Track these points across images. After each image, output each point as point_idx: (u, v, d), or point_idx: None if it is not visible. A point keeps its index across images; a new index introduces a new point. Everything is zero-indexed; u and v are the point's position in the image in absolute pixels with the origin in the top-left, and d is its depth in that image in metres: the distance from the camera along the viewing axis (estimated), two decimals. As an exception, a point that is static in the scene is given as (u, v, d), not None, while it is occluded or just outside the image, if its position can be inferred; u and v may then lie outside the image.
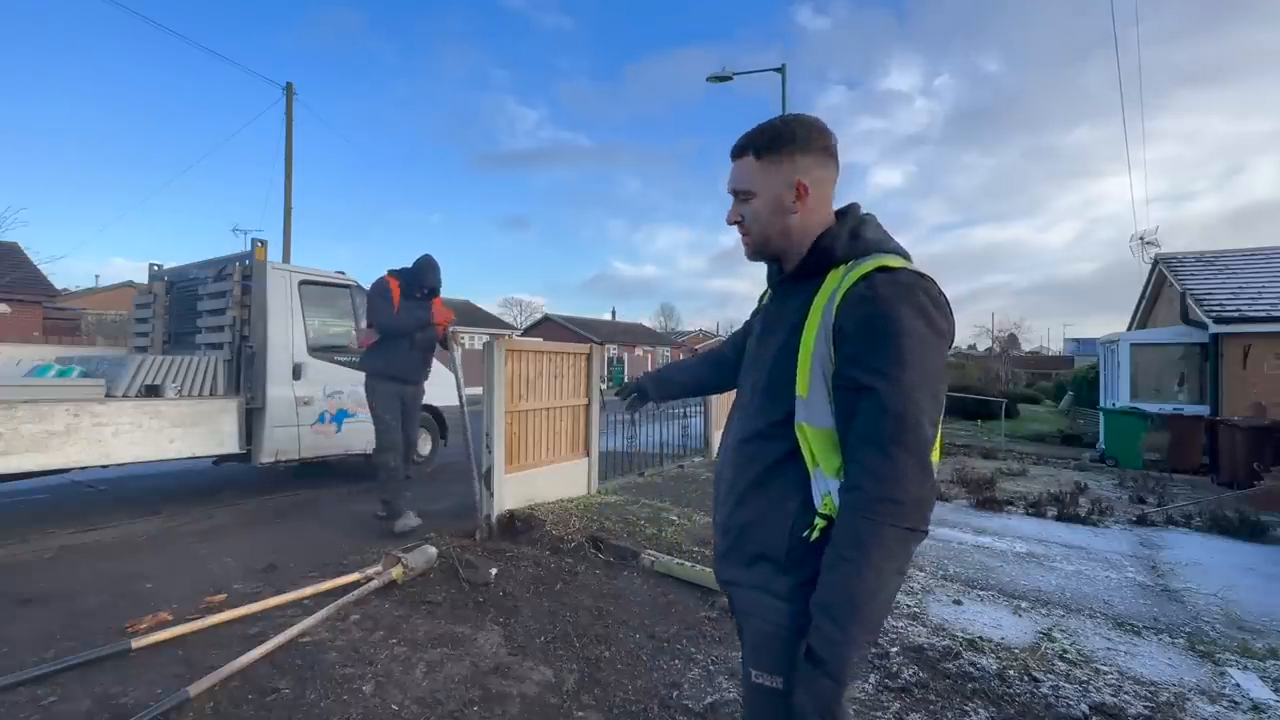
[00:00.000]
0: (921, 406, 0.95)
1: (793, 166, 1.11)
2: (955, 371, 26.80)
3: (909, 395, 0.94)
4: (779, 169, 1.12)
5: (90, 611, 2.97)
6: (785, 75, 12.39)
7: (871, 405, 0.96)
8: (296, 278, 5.60)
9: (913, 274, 1.02)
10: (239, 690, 2.30)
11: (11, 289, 16.65)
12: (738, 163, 1.16)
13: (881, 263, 1.03)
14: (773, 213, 1.13)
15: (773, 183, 1.13)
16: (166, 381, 4.75)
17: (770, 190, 1.13)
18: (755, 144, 1.13)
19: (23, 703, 2.17)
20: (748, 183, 1.15)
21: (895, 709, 2.37)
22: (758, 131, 1.14)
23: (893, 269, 1.02)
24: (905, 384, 0.95)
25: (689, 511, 5.02)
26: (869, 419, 0.96)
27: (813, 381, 1.03)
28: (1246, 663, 2.90)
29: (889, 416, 0.94)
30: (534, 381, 4.92)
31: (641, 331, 46.15)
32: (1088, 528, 5.49)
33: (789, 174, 1.11)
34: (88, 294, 26.67)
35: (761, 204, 1.14)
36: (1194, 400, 9.74)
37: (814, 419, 1.04)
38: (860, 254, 1.07)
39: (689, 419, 8.29)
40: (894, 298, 0.98)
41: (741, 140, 1.16)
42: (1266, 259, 10.71)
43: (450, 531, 4.23)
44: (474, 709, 2.27)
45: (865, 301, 0.99)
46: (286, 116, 15.97)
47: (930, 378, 0.97)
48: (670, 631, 2.99)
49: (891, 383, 0.95)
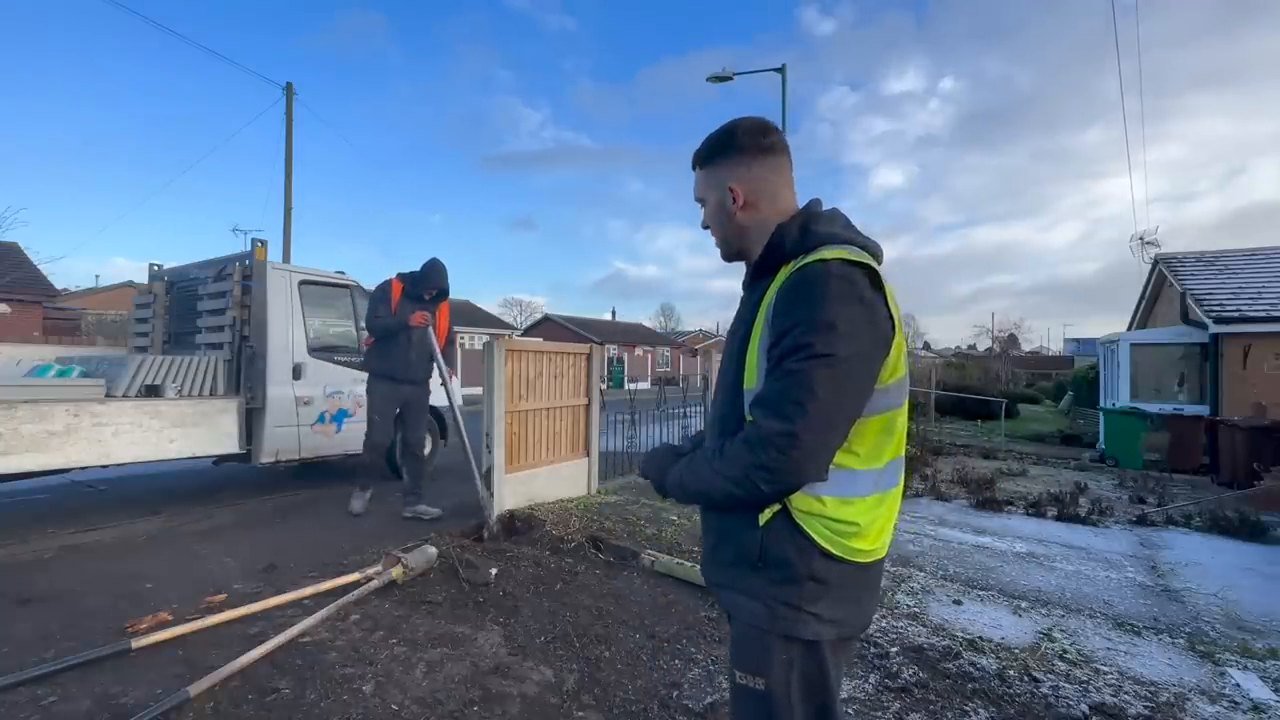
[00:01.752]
0: (823, 382, 0.96)
1: (727, 173, 1.19)
2: (955, 371, 26.81)
3: (813, 370, 0.96)
4: (716, 176, 1.21)
5: (90, 611, 2.97)
6: (785, 76, 12.38)
7: (781, 374, 0.99)
8: (296, 278, 5.60)
9: (842, 263, 1.01)
10: (239, 690, 2.30)
11: (11, 289, 16.65)
12: (694, 174, 1.27)
13: (820, 255, 1.04)
14: (719, 217, 1.22)
15: (713, 189, 1.22)
16: (166, 381, 4.75)
17: (713, 196, 1.22)
18: (697, 155, 1.24)
19: (23, 703, 2.17)
20: (698, 192, 1.26)
21: (895, 709, 2.37)
22: (701, 143, 1.24)
23: (826, 259, 1.02)
24: (813, 360, 0.96)
25: (689, 511, 5.01)
26: (774, 380, 1.00)
27: (759, 373, 1.06)
28: (1246, 663, 2.90)
29: (790, 382, 0.97)
30: (534, 381, 4.92)
31: (641, 331, 46.13)
32: (1088, 528, 5.49)
33: (723, 180, 1.20)
34: (88, 294, 26.66)
35: (710, 210, 1.24)
36: (1194, 400, 9.74)
37: None
38: (809, 247, 1.08)
39: (689, 419, 8.29)
40: (815, 285, 0.99)
41: (693, 154, 1.26)
42: (1266, 259, 10.71)
43: (450, 531, 4.23)
44: (474, 709, 2.27)
45: (791, 290, 1.02)
46: (286, 116, 15.99)
47: (842, 362, 0.97)
48: (670, 631, 2.99)
49: (800, 359, 0.97)
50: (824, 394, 0.96)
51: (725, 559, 1.16)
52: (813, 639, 1.05)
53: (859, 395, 1.01)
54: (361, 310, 6.13)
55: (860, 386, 1.01)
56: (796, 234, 1.11)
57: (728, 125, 1.21)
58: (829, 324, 0.97)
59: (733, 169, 1.19)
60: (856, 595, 1.10)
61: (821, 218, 1.14)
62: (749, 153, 1.18)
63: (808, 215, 1.15)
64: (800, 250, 1.09)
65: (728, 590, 1.16)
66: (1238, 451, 7.58)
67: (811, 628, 1.05)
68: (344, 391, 5.77)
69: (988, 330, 40.70)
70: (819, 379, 0.96)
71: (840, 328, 0.97)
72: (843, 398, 0.98)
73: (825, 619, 1.06)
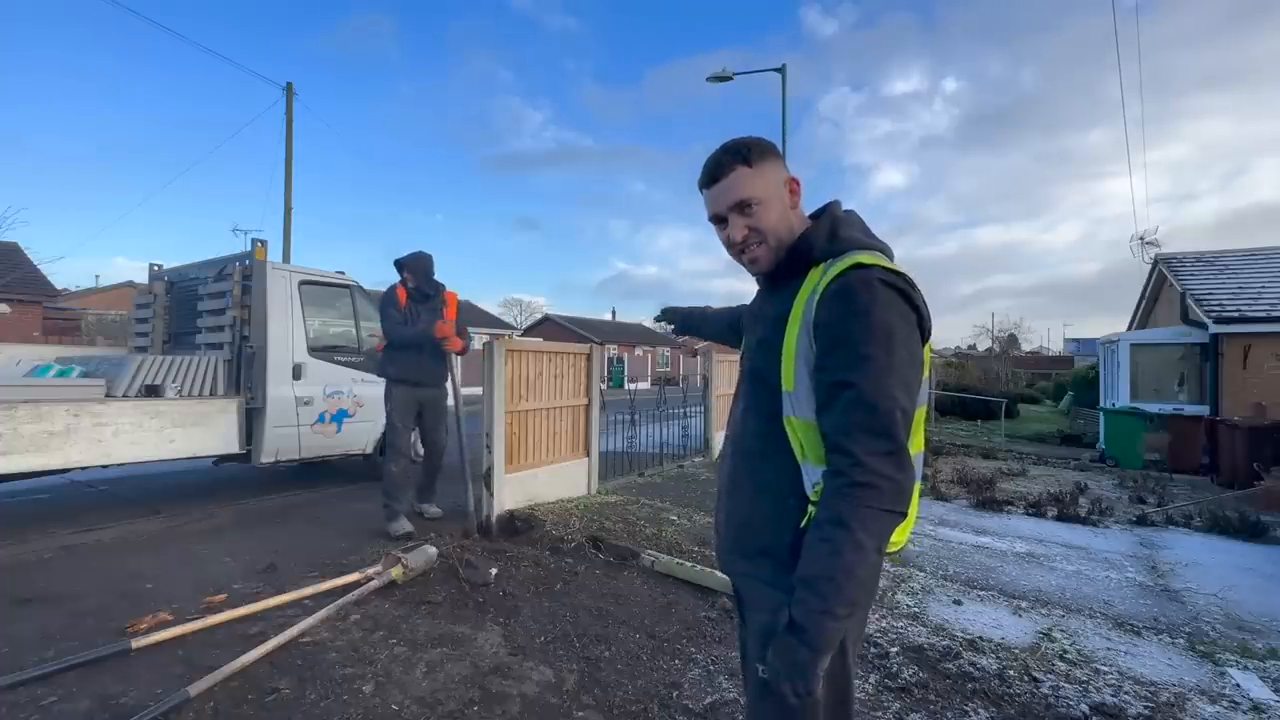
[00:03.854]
0: (894, 397, 1.00)
1: (783, 167, 1.19)
2: (955, 371, 26.81)
3: (881, 387, 0.99)
4: (774, 171, 1.17)
5: (90, 611, 2.96)
6: (785, 76, 12.39)
7: (848, 397, 1.00)
8: (296, 278, 5.59)
9: (886, 270, 1.06)
10: (239, 690, 2.30)
11: (11, 289, 16.63)
12: (728, 179, 1.16)
13: (857, 260, 1.07)
14: (781, 213, 1.17)
15: (773, 183, 1.17)
16: (166, 381, 4.75)
17: (774, 191, 1.16)
18: (743, 155, 1.15)
19: (23, 703, 2.17)
20: (750, 190, 1.15)
21: (895, 709, 2.37)
22: (737, 146, 1.17)
23: (867, 265, 1.05)
24: (878, 376, 0.99)
25: (689, 511, 5.02)
26: (847, 410, 1.00)
27: (798, 376, 1.08)
28: (1246, 663, 2.90)
29: (864, 407, 0.99)
30: (534, 381, 4.92)
31: (641, 331, 46.11)
32: (1088, 528, 5.50)
33: (782, 173, 1.18)
34: (88, 294, 26.65)
35: (768, 209, 1.15)
36: (1194, 400, 9.73)
37: (800, 411, 1.09)
38: (838, 252, 1.11)
39: (689, 419, 8.29)
40: (867, 294, 1.02)
41: (721, 160, 1.17)
42: (1267, 259, 10.70)
43: (450, 531, 4.23)
44: (474, 709, 2.27)
45: (840, 297, 1.04)
46: (287, 116, 15.98)
47: (902, 369, 1.02)
48: (670, 631, 2.99)
49: (865, 375, 0.99)
50: (902, 400, 1.01)
51: (750, 550, 1.18)
52: None
53: (917, 397, 1.07)
54: (362, 310, 6.13)
55: (917, 389, 1.06)
56: (826, 238, 1.15)
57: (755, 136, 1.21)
58: (888, 334, 1.01)
59: (780, 166, 1.19)
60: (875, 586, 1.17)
61: (846, 222, 1.18)
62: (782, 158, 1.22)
63: (834, 219, 1.18)
64: (830, 254, 1.12)
65: (752, 580, 1.19)
66: (1238, 451, 7.58)
67: None
68: (344, 391, 5.77)
69: (988, 330, 40.55)
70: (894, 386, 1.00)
71: (899, 336, 1.02)
72: (910, 402, 1.03)
73: None
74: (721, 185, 1.17)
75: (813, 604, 0.98)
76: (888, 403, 0.99)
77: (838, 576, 0.96)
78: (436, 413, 4.70)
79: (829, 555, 0.98)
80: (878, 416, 0.98)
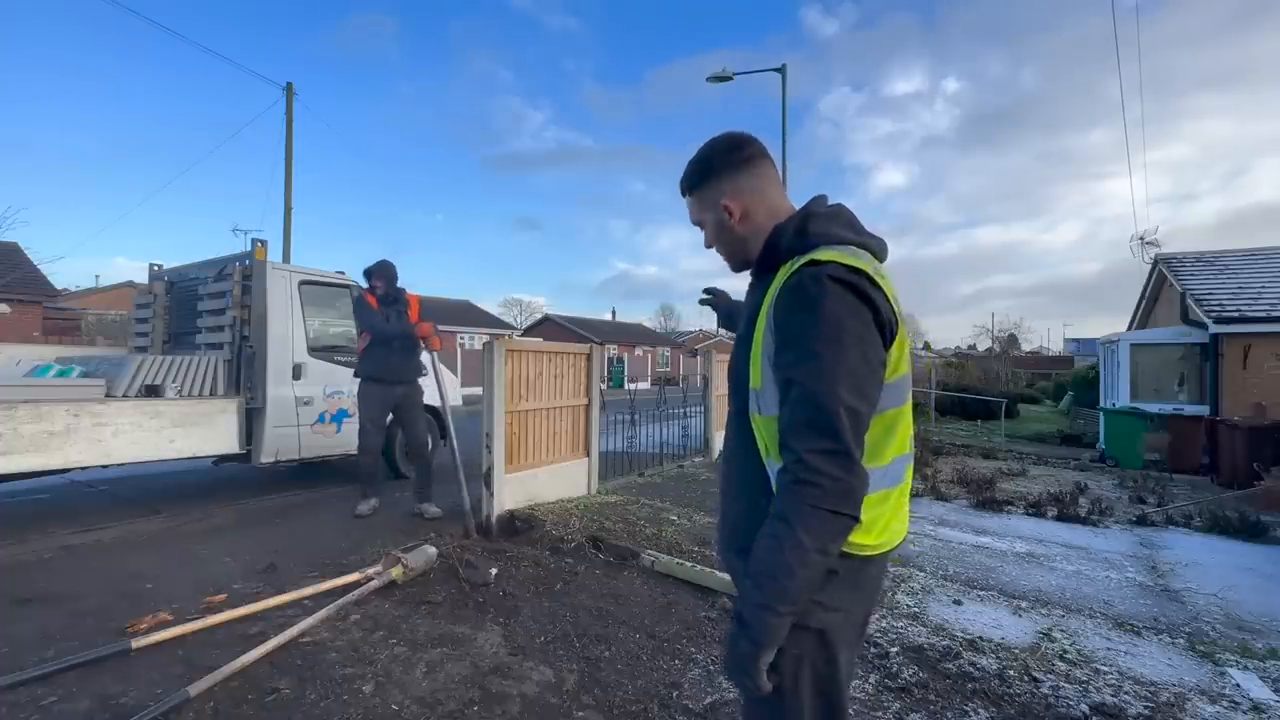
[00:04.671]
0: (838, 396, 0.97)
1: (717, 192, 1.23)
2: (955, 371, 26.82)
3: (824, 385, 0.98)
4: (708, 198, 1.25)
5: (90, 611, 2.96)
6: (785, 76, 12.39)
7: (794, 394, 1.00)
8: (296, 278, 5.60)
9: (839, 265, 1.03)
10: (239, 690, 2.30)
11: (11, 289, 16.64)
12: (685, 200, 1.31)
13: (813, 256, 1.06)
14: (721, 234, 1.25)
15: (708, 210, 1.25)
16: (166, 381, 4.75)
17: (710, 217, 1.26)
18: (685, 183, 1.28)
19: (23, 703, 2.17)
20: (695, 215, 1.29)
21: (895, 709, 2.37)
22: (685, 171, 1.28)
23: (821, 262, 1.04)
24: (821, 374, 0.98)
25: (689, 511, 5.02)
26: (793, 407, 1.01)
27: (764, 373, 1.09)
28: (1246, 663, 2.90)
29: (807, 405, 0.98)
30: (534, 382, 4.92)
31: (642, 332, 46.12)
32: (1088, 528, 5.50)
33: (715, 199, 1.24)
34: (88, 294, 26.68)
35: (711, 231, 1.27)
36: (1194, 400, 9.73)
37: (764, 409, 1.10)
38: (805, 248, 1.10)
39: (689, 419, 8.29)
40: (815, 290, 1.01)
41: (680, 182, 1.30)
42: (1267, 259, 10.71)
43: (450, 531, 4.23)
44: (474, 709, 2.27)
45: (790, 294, 1.04)
46: (287, 116, 15.99)
47: (852, 367, 0.99)
48: (670, 631, 2.99)
49: (809, 374, 0.99)
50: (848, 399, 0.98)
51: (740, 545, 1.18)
52: (819, 627, 1.07)
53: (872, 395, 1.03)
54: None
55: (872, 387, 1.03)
56: (793, 234, 1.14)
57: (704, 149, 1.26)
58: (835, 332, 0.99)
59: (721, 187, 1.23)
60: (860, 584, 1.13)
61: (819, 217, 1.15)
62: (731, 169, 1.22)
63: (805, 215, 1.16)
64: (797, 249, 1.11)
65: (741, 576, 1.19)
66: (1238, 451, 7.58)
67: (817, 615, 1.06)
68: (344, 391, 5.77)
69: (988, 330, 40.58)
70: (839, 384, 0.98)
71: (849, 333, 1.00)
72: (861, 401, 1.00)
73: (830, 607, 1.08)
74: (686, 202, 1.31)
75: (755, 597, 0.99)
76: (830, 401, 0.97)
77: (778, 573, 0.96)
78: (412, 409, 4.95)
79: (772, 550, 0.98)
80: (820, 414, 0.97)
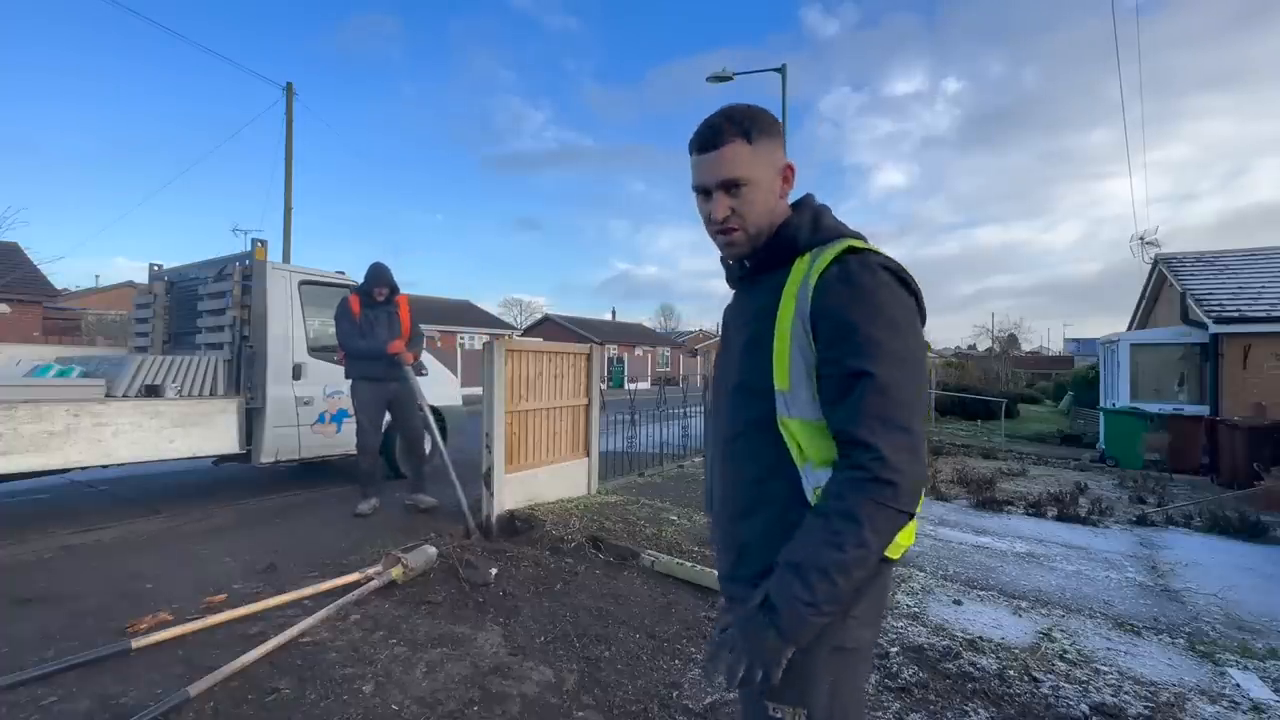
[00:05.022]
0: (907, 386, 0.94)
1: (781, 151, 1.09)
2: (955, 371, 26.80)
3: (897, 376, 0.93)
4: (772, 153, 1.07)
5: (90, 611, 2.96)
6: (785, 76, 12.39)
7: (865, 386, 0.93)
8: (297, 278, 5.59)
9: (882, 255, 1.01)
10: (239, 690, 2.30)
11: (11, 289, 16.64)
12: (723, 150, 1.04)
13: (850, 244, 1.01)
14: (767, 201, 1.07)
15: (767, 168, 1.06)
16: (166, 381, 4.75)
17: (766, 176, 1.06)
18: (745, 127, 1.04)
19: (23, 703, 2.17)
20: (743, 170, 1.04)
21: (895, 709, 2.37)
22: (740, 116, 1.05)
23: (860, 250, 1.00)
24: (894, 364, 0.93)
25: (689, 511, 5.02)
26: (862, 402, 0.92)
27: (793, 373, 0.99)
28: (1246, 663, 2.90)
29: (882, 398, 0.92)
30: (534, 382, 4.92)
31: (641, 332, 46.11)
32: (1088, 528, 5.50)
33: (779, 159, 1.08)
34: (88, 294, 26.69)
35: (757, 192, 1.05)
36: (1194, 400, 9.73)
37: (798, 411, 0.99)
38: (823, 241, 1.05)
39: (689, 419, 8.29)
40: (871, 279, 0.97)
41: (720, 125, 1.05)
42: (1267, 259, 10.70)
43: (450, 531, 4.23)
44: (474, 709, 2.27)
45: (842, 283, 0.97)
46: (287, 116, 15.98)
47: (913, 356, 0.97)
48: (670, 631, 2.99)
49: (880, 363, 0.93)
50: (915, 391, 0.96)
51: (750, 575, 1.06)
52: (854, 645, 1.02)
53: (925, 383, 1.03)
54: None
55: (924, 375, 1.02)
56: (809, 228, 1.07)
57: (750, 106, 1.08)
58: (895, 320, 0.96)
59: (780, 149, 1.09)
60: (885, 592, 1.10)
61: (828, 213, 1.12)
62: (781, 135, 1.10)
63: (817, 210, 1.12)
64: (815, 243, 1.05)
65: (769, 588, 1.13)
66: (1238, 451, 7.58)
67: (854, 633, 1.01)
68: (344, 391, 5.73)
69: (988, 330, 40.52)
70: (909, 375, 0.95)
71: (904, 323, 0.97)
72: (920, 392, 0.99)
73: (865, 622, 1.03)
74: (714, 156, 1.05)
75: (797, 591, 0.89)
76: (904, 393, 0.93)
77: (832, 571, 0.88)
78: (405, 404, 5.01)
79: (829, 547, 0.89)
80: (898, 406, 0.92)
